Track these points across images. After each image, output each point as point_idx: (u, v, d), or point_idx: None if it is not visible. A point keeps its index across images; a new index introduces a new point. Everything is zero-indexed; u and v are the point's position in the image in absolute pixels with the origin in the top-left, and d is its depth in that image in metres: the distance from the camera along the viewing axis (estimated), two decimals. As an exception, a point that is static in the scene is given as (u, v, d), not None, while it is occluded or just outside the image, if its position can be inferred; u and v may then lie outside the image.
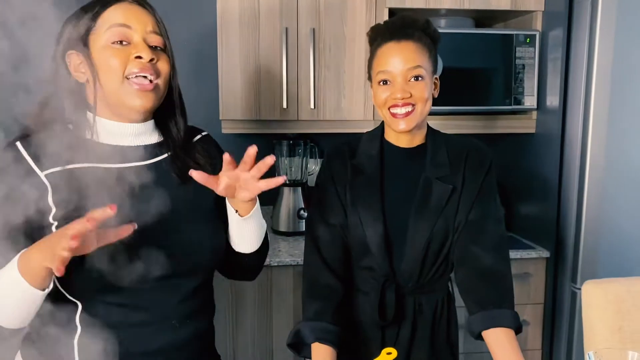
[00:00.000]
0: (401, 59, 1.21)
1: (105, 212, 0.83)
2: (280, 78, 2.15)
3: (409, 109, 1.21)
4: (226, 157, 0.98)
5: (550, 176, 2.15)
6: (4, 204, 0.90)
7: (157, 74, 1.03)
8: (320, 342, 1.17)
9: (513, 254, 2.13)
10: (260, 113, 2.18)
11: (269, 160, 0.96)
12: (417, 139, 1.32)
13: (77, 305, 0.99)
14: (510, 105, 2.21)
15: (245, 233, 1.12)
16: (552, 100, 2.13)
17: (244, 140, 2.48)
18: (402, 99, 1.20)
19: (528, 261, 2.17)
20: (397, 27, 1.26)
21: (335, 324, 1.20)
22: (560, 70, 2.06)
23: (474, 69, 2.19)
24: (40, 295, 0.90)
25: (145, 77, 1.01)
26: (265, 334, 2.10)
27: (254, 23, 2.13)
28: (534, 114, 2.25)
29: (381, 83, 1.24)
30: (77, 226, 0.81)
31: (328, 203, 1.32)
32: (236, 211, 1.08)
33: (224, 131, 2.20)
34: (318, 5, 2.15)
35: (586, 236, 2.03)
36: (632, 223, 2.00)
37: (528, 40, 2.18)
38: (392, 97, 1.21)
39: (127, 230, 0.90)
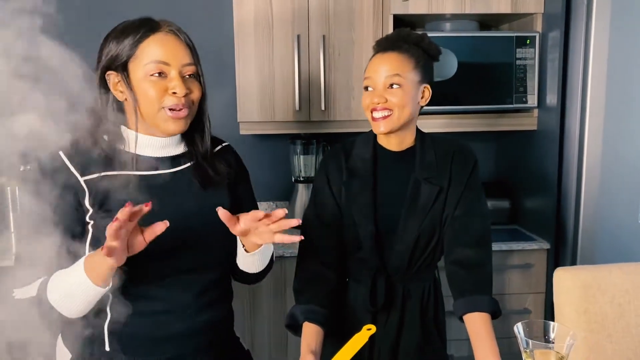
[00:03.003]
0: (382, 68, 1.34)
1: (141, 208, 0.96)
2: (293, 81, 2.31)
3: (386, 113, 1.34)
4: (259, 214, 1.07)
5: (550, 171, 2.24)
6: (50, 204, 1.05)
7: (190, 104, 1.16)
8: (309, 322, 1.30)
9: (515, 246, 2.25)
10: (275, 115, 2.34)
11: (293, 222, 1.07)
12: (407, 142, 1.44)
13: (108, 295, 1.13)
14: (512, 104, 2.32)
15: (249, 263, 1.26)
16: (552, 98, 2.23)
17: (260, 140, 2.66)
18: (379, 103, 1.33)
19: (529, 252, 2.27)
20: (389, 40, 1.39)
21: (324, 307, 1.32)
22: (558, 70, 2.16)
23: (478, 70, 2.30)
24: (102, 291, 1.05)
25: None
26: (280, 322, 2.25)
27: (268, 31, 2.29)
28: (536, 112, 2.35)
29: (365, 89, 1.38)
30: (113, 224, 0.94)
31: (324, 203, 1.44)
32: (243, 246, 1.20)
33: (241, 132, 2.37)
34: (328, 13, 2.29)
35: (584, 228, 2.13)
36: (627, 215, 2.09)
37: (528, 41, 2.28)
38: (372, 102, 1.35)
39: (162, 226, 1.01)
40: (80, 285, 1.03)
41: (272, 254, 1.32)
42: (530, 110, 2.37)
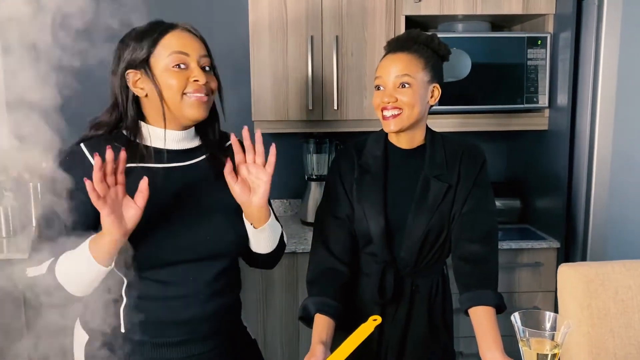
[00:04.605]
0: (392, 68, 1.38)
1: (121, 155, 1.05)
2: (306, 81, 2.36)
3: (396, 112, 1.38)
4: (232, 137, 1.20)
5: (560, 170, 2.26)
6: (72, 195, 1.11)
7: (210, 92, 1.24)
8: (320, 314, 1.34)
9: (525, 244, 2.27)
10: (289, 114, 2.39)
11: (272, 150, 1.19)
12: (417, 140, 1.48)
13: (123, 280, 1.20)
14: (523, 104, 2.34)
15: (260, 241, 1.31)
16: (562, 98, 2.24)
17: (274, 139, 2.69)
18: (389, 102, 1.38)
19: (539, 251, 2.29)
20: (399, 41, 1.43)
21: (336, 300, 1.36)
22: (568, 70, 2.18)
23: (490, 70, 2.33)
24: (104, 270, 1.10)
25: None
26: (291, 315, 2.31)
27: (282, 32, 2.34)
28: (546, 112, 2.36)
29: (376, 88, 1.42)
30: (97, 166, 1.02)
31: (336, 198, 1.48)
32: (251, 223, 1.27)
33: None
34: (341, 14, 2.34)
35: (594, 227, 2.14)
36: (637, 214, 2.11)
37: (539, 42, 2.30)
38: (382, 101, 1.39)
39: (144, 183, 1.08)
40: (84, 263, 1.09)
41: (282, 234, 1.37)
42: (541, 110, 2.39)
